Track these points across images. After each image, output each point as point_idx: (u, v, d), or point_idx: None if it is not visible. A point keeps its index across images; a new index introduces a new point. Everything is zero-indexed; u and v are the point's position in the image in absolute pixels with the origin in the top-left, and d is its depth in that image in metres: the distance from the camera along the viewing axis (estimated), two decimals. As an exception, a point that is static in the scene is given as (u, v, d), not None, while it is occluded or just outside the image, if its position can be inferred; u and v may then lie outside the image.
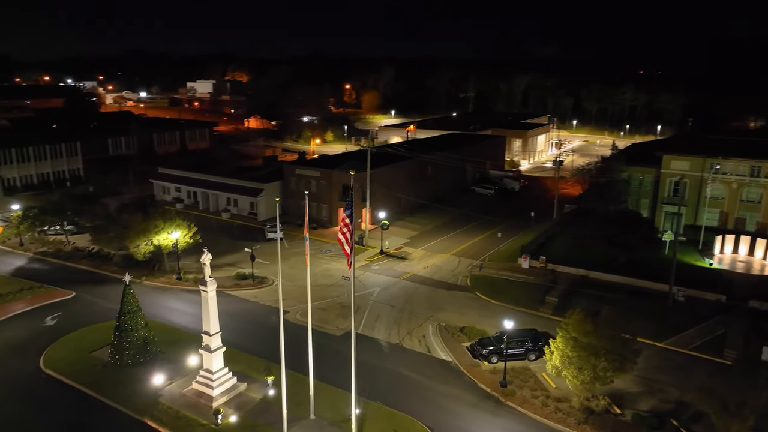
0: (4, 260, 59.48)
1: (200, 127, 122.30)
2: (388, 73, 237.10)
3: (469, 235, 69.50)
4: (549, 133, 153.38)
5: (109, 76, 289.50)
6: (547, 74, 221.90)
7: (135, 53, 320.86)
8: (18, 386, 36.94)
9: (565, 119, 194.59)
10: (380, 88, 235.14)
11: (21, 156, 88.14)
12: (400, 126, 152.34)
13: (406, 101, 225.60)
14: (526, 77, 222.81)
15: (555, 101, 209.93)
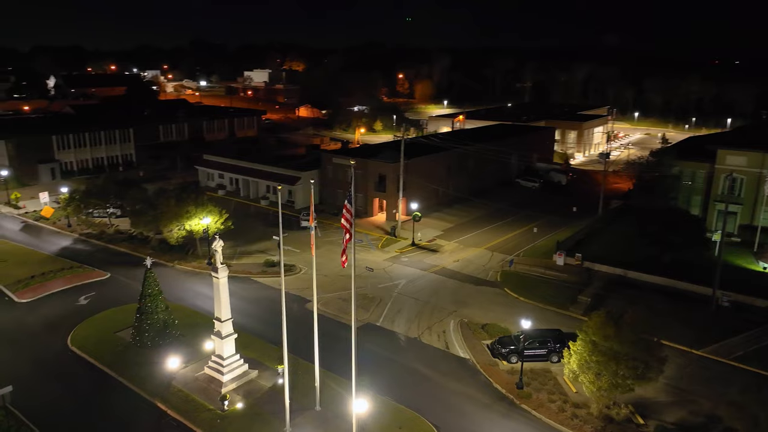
0: (51, 240, 62.39)
1: (249, 115, 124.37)
2: (443, 62, 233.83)
3: (506, 229, 67.39)
4: (607, 125, 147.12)
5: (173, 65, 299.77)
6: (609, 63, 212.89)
7: (199, 44, 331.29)
8: (46, 362, 38.50)
9: (626, 111, 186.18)
10: (434, 78, 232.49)
11: (78, 141, 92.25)
12: (450, 116, 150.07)
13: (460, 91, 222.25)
14: (586, 67, 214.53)
15: (616, 92, 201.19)
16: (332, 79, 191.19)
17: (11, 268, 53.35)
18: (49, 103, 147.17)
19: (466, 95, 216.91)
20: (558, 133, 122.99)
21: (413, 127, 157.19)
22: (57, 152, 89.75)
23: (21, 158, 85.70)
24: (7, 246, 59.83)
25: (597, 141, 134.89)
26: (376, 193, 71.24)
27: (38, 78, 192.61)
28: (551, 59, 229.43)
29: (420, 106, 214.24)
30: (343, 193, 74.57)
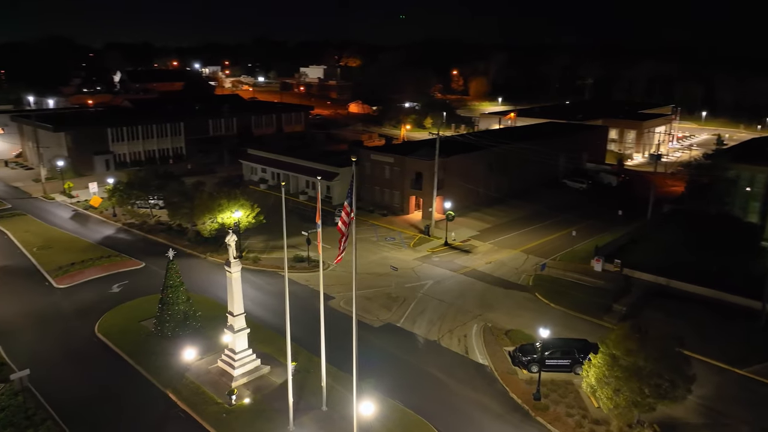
0: (96, 229, 64.88)
1: (296, 110, 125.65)
2: (500, 59, 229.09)
3: (546, 231, 64.85)
4: (670, 124, 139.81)
5: (234, 61, 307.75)
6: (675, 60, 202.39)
7: (259, 41, 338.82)
8: (72, 346, 39.78)
9: (693, 110, 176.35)
10: (490, 75, 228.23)
11: (131, 134, 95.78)
12: (502, 114, 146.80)
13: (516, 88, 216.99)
14: (650, 63, 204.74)
15: (683, 90, 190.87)
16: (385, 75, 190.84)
17: (55, 255, 55.74)
18: (113, 98, 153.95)
19: (522, 92, 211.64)
20: (615, 133, 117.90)
21: (464, 125, 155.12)
22: (111, 144, 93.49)
23: (78, 149, 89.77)
24: (56, 233, 62.62)
25: (658, 141, 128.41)
26: (412, 190, 70.18)
27: (106, 73, 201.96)
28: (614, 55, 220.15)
29: (474, 104, 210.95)
30: (380, 190, 74.09)
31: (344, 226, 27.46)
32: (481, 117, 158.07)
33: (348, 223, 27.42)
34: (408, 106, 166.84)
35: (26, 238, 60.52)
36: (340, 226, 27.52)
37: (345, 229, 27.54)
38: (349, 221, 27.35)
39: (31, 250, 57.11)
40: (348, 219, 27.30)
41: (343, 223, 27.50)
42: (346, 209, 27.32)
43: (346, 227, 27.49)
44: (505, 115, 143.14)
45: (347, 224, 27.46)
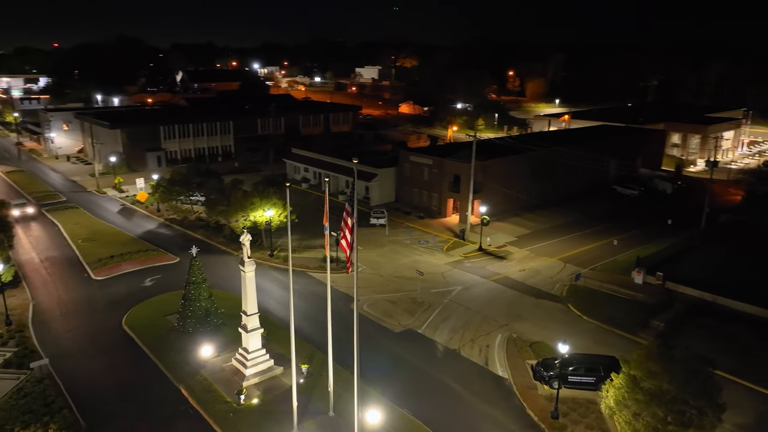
0: (139, 223, 67.04)
1: (344, 110, 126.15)
2: (558, 59, 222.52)
3: (587, 239, 62.00)
4: (740, 129, 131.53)
5: (293, 61, 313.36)
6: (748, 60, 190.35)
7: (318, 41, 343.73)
8: (99, 338, 40.99)
9: None
10: (547, 76, 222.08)
11: (183, 132, 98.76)
12: (556, 116, 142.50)
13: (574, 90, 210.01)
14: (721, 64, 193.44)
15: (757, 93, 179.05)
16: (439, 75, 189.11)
17: (98, 247, 57.89)
18: (172, 96, 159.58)
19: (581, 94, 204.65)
20: (678, 137, 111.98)
21: (516, 126, 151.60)
22: (163, 141, 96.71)
23: (132, 146, 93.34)
24: (102, 227, 65.12)
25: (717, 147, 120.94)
26: (450, 193, 68.75)
27: (169, 73, 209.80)
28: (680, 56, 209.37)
29: (530, 105, 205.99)
30: (419, 192, 73.05)
31: (349, 231, 26.73)
32: (534, 119, 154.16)
33: (351, 229, 26.67)
34: (460, 107, 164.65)
35: (74, 230, 63.21)
36: (345, 235, 26.76)
37: (349, 238, 26.80)
38: (351, 227, 26.58)
39: (77, 242, 59.55)
40: (350, 226, 26.53)
41: (346, 225, 26.77)
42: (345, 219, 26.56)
43: (351, 232, 26.72)
44: (558, 118, 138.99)
45: (352, 230, 26.71)
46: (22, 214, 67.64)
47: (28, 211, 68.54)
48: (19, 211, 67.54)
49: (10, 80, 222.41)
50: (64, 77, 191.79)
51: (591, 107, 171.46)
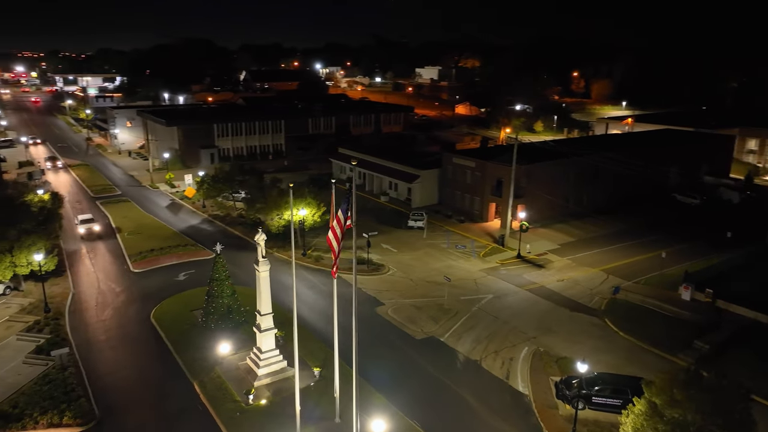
0: (184, 218, 68.87)
1: (396, 111, 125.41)
2: (626, 59, 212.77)
3: (636, 250, 58.39)
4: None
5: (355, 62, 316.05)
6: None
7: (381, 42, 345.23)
8: (127, 329, 42.06)
9: None
10: (615, 77, 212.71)
11: (235, 130, 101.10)
12: (619, 119, 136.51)
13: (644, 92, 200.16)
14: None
15: None
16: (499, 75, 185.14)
17: (141, 241, 59.81)
18: (233, 95, 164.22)
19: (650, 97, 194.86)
20: (755, 143, 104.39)
21: (577, 129, 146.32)
22: (217, 139, 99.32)
23: (187, 143, 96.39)
24: (148, 220, 67.37)
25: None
26: (492, 197, 66.64)
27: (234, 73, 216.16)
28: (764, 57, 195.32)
29: (595, 107, 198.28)
30: (461, 195, 71.31)
31: (341, 231, 25.90)
32: (596, 121, 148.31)
33: (342, 233, 25.80)
34: (519, 108, 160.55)
35: (122, 223, 65.69)
36: (329, 236, 25.97)
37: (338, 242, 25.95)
38: (342, 231, 25.71)
39: (123, 235, 61.79)
40: (341, 229, 25.66)
41: (338, 229, 25.93)
42: (339, 219, 25.71)
43: (342, 234, 25.87)
44: (621, 121, 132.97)
45: (343, 231, 25.85)
46: (87, 231, 60.84)
47: (94, 228, 61.25)
48: (85, 228, 60.88)
49: (89, 79, 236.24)
50: (136, 76, 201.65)
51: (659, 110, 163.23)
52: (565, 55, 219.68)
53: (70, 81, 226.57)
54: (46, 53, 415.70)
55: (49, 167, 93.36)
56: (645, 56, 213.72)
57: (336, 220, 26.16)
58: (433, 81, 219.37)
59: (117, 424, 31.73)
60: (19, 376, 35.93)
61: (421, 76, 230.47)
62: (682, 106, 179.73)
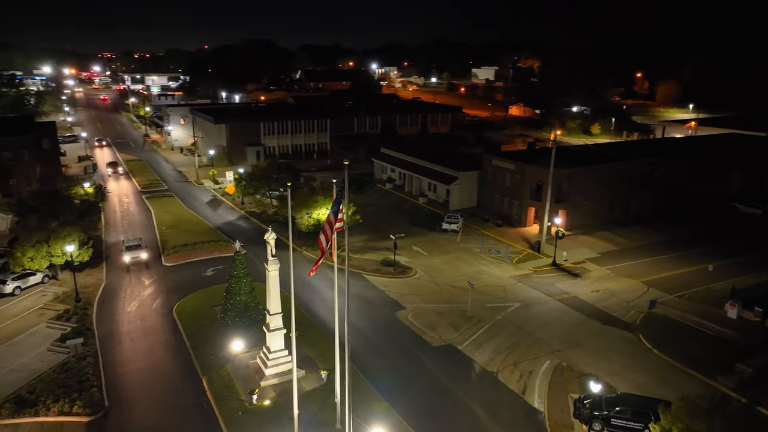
0: (221, 214, 69.96)
1: (443, 111, 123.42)
2: (694, 60, 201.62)
3: (682, 262, 54.57)
4: None
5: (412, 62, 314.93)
6: None
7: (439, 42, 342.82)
8: (148, 322, 42.76)
9: None
10: (682, 78, 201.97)
11: (281, 128, 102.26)
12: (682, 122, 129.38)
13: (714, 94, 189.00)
14: None
15: None
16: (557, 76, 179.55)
17: (177, 235, 61.09)
18: (287, 95, 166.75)
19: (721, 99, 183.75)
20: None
21: (637, 132, 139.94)
22: (263, 137, 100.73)
23: (234, 140, 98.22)
24: (187, 215, 68.85)
25: None
26: (531, 201, 64.07)
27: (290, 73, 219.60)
28: None
29: (659, 110, 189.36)
30: (500, 198, 69.04)
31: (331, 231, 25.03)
32: (658, 124, 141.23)
33: (331, 233, 24.90)
34: (576, 110, 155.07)
35: (162, 217, 67.41)
36: (327, 232, 25.13)
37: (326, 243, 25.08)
38: (333, 232, 24.82)
39: (161, 229, 63.35)
40: (332, 230, 24.77)
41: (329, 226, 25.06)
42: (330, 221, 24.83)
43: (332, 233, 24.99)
44: (684, 124, 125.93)
45: (333, 232, 24.96)
46: (133, 260, 52.71)
47: (141, 256, 52.95)
48: (130, 257, 52.65)
49: (155, 78, 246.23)
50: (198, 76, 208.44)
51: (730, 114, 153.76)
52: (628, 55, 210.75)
53: (138, 80, 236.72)
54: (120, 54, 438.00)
55: (109, 173, 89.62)
56: (715, 57, 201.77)
57: (327, 222, 25.25)
58: (488, 81, 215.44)
59: (123, 416, 32.12)
60: (42, 363, 37.13)
61: (477, 77, 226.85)
62: (753, 108, 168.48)
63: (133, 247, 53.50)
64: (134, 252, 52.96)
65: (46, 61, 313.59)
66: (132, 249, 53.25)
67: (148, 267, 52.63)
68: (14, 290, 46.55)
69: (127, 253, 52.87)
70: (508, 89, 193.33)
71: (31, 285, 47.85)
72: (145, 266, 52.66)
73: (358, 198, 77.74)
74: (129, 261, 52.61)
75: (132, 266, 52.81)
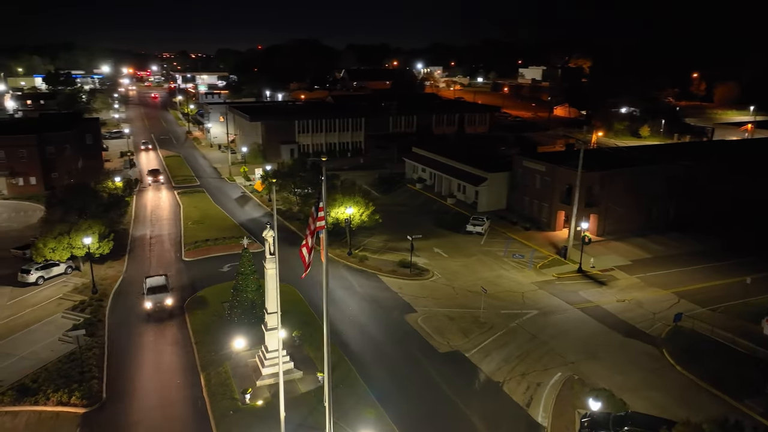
0: (247, 211, 70.34)
1: (481, 111, 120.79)
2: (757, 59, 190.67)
3: (720, 273, 50.99)
4: None
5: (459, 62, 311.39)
6: None
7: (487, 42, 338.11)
8: (159, 316, 42.92)
9: None
10: (743, 79, 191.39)
11: (316, 127, 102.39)
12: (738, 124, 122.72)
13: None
14: None
15: None
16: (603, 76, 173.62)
17: (201, 230, 61.69)
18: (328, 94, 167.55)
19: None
20: None
21: (690, 134, 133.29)
22: (297, 135, 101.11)
23: (269, 138, 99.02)
24: (214, 211, 69.55)
25: None
26: (562, 204, 61.44)
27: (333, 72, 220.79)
28: None
29: (716, 112, 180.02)
30: (529, 201, 66.63)
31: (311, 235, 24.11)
32: (715, 127, 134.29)
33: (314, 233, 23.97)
34: (624, 111, 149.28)
35: (190, 213, 68.31)
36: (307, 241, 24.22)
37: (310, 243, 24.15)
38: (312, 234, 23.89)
39: (187, 224, 64.14)
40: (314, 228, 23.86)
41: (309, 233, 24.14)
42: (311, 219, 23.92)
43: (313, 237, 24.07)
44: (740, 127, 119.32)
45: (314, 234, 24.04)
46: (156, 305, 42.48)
47: (166, 302, 42.70)
48: (153, 303, 42.38)
49: (206, 77, 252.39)
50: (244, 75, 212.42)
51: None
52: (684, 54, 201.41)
53: (188, 79, 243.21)
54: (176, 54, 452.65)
55: (150, 182, 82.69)
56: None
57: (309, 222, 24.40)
58: (534, 81, 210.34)
59: (118, 409, 32.19)
60: (51, 352, 37.82)
61: (524, 77, 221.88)
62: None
63: (156, 290, 43.26)
64: (157, 296, 42.68)
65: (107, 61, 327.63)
66: (154, 292, 43.01)
67: (172, 316, 42.51)
68: (37, 280, 47.84)
69: (148, 298, 42.57)
70: (555, 89, 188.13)
71: (54, 275, 49.06)
72: (169, 315, 42.56)
73: (386, 198, 76.83)
74: (151, 308, 42.42)
75: (153, 314, 42.98)
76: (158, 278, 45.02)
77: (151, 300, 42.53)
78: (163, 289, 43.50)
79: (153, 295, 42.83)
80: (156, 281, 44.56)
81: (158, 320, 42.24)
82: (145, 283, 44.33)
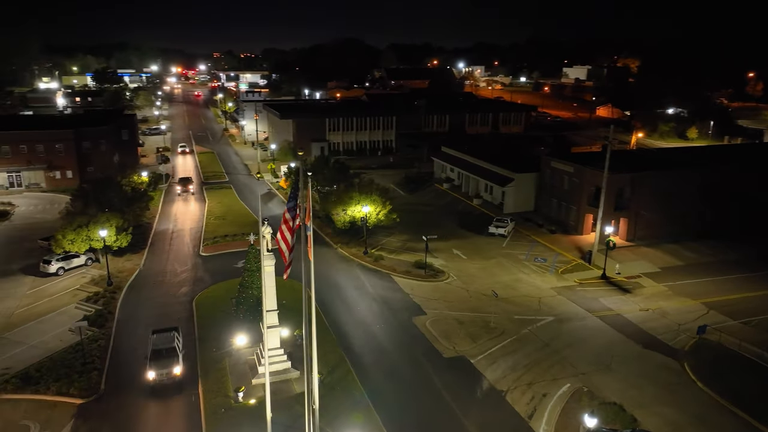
0: (270, 207, 70.37)
1: (516, 110, 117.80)
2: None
3: (755, 284, 47.70)
4: None
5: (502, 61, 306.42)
6: None
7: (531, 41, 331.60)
8: (167, 309, 43.22)
9: None
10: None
11: (346, 125, 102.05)
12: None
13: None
14: None
15: None
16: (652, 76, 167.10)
17: (222, 226, 62.04)
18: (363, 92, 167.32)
19: None
20: None
21: (741, 137, 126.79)
22: (328, 133, 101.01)
23: (300, 135, 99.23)
24: (237, 207, 69.97)
25: None
26: (590, 207, 58.90)
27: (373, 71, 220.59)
28: None
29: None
30: (557, 203, 64.22)
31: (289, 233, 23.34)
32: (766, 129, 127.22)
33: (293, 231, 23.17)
34: (671, 111, 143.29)
35: (213, 208, 68.89)
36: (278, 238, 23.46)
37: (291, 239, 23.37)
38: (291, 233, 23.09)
39: (209, 219, 64.66)
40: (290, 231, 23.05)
41: (286, 226, 23.35)
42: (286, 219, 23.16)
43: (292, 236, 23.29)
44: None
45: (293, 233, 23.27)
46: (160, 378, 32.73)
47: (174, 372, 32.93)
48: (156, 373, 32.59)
49: (249, 76, 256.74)
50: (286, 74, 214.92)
51: None
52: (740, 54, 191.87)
53: (232, 77, 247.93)
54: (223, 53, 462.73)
55: (179, 192, 75.74)
56: None
57: (283, 221, 23.59)
58: (577, 81, 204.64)
59: (115, 400, 32.25)
60: (60, 342, 38.38)
61: (567, 76, 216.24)
62: None
63: (162, 355, 33.66)
64: (162, 365, 33.03)
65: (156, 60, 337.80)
66: (159, 359, 33.40)
67: (181, 391, 32.89)
68: (58, 270, 48.91)
69: (151, 366, 32.92)
70: (599, 89, 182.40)
71: (74, 267, 50.06)
72: (176, 389, 32.88)
73: (411, 197, 75.71)
74: (153, 379, 32.68)
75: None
76: (166, 335, 35.62)
77: (155, 370, 32.76)
78: (171, 353, 33.76)
79: (156, 362, 33.07)
80: (163, 340, 34.97)
81: (165, 318, 42.35)
82: (150, 340, 35.25)
